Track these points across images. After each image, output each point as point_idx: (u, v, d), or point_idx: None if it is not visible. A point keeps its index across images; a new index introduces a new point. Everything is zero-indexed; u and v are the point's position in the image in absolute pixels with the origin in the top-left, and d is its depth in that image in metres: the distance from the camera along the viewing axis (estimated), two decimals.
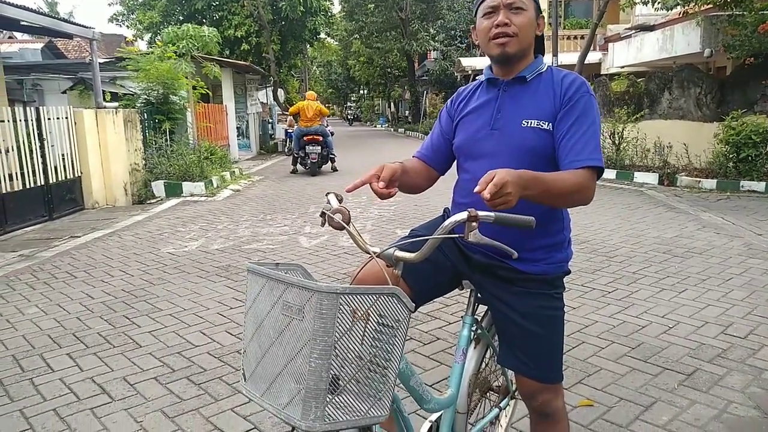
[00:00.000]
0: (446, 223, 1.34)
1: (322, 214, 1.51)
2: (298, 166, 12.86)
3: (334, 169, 13.08)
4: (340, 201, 1.56)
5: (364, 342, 1.18)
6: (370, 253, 1.43)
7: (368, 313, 1.17)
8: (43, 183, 7.78)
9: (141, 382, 3.04)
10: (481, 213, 1.28)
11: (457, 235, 1.33)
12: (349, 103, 60.19)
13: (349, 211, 1.51)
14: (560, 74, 1.69)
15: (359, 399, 1.19)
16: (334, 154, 13.04)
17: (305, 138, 12.42)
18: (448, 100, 1.92)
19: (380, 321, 1.20)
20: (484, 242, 1.27)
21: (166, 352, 3.42)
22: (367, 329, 1.18)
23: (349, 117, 51.08)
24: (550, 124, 1.62)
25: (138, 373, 3.15)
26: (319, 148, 12.39)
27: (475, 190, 1.28)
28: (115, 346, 3.51)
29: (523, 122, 1.65)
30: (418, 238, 1.46)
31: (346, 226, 1.46)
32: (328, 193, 1.56)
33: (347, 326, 1.14)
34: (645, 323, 3.68)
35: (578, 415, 2.58)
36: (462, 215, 1.30)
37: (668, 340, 3.41)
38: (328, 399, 1.14)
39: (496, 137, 1.68)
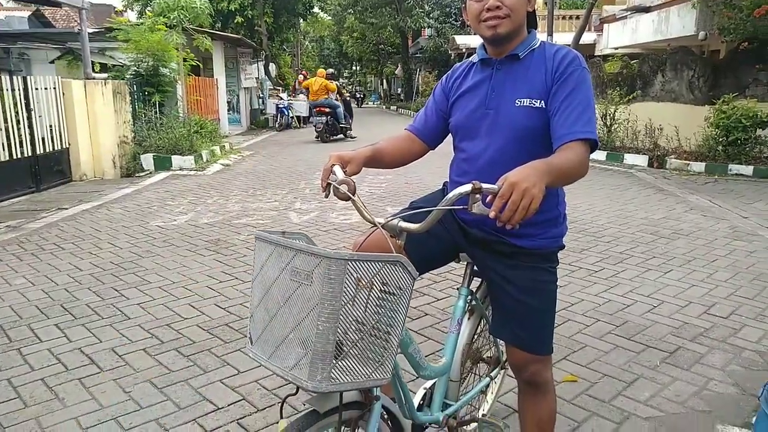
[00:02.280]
0: (450, 195, 1.35)
1: (328, 185, 1.52)
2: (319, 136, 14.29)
3: (350, 137, 14.64)
4: (345, 173, 1.57)
5: (367, 309, 1.21)
6: (375, 224, 1.46)
7: (372, 281, 1.20)
8: (30, 154, 7.69)
9: (130, 354, 3.05)
10: (484, 185, 1.29)
11: (461, 207, 1.33)
12: (341, 80, 54.78)
13: (354, 183, 1.51)
14: (552, 49, 1.67)
15: (362, 363, 1.23)
16: (344, 125, 14.58)
17: (314, 110, 14.33)
18: (444, 76, 1.91)
19: (383, 288, 1.23)
20: (486, 213, 1.28)
21: (155, 324, 3.43)
22: (371, 296, 1.21)
23: (357, 96, 39.07)
24: (543, 101, 1.61)
25: (127, 344, 3.17)
26: (325, 118, 13.95)
27: (491, 215, 1.26)
28: (103, 318, 3.52)
29: (517, 101, 1.64)
30: (422, 209, 1.48)
31: (352, 196, 1.48)
32: (333, 164, 1.57)
33: (352, 293, 1.18)
34: (630, 302, 3.73)
35: (562, 390, 2.63)
36: (466, 187, 1.31)
37: (652, 319, 3.46)
38: (333, 362, 1.17)
39: (492, 117, 1.69)
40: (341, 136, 14.81)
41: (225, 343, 3.17)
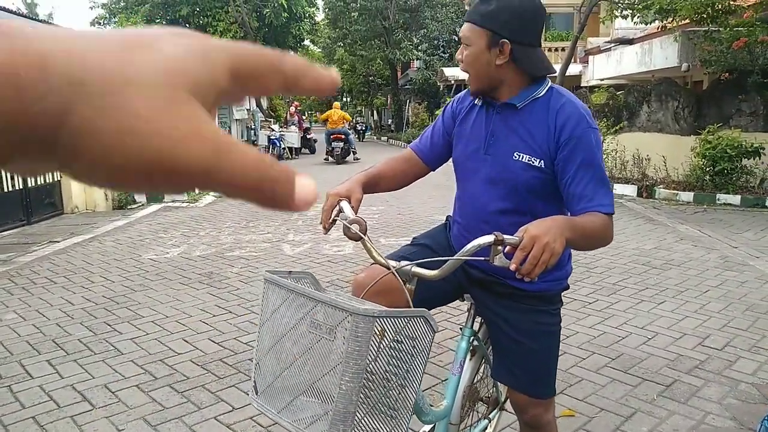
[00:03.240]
0: (470, 245, 1.32)
1: (332, 222, 1.50)
2: (329, 157, 16.85)
3: (356, 159, 17.10)
4: (353, 209, 1.54)
5: (382, 361, 1.16)
6: (388, 268, 1.42)
7: (383, 332, 1.15)
8: (21, 186, 7.66)
9: (123, 390, 3.01)
10: (506, 237, 1.26)
11: (481, 258, 1.31)
12: (356, 114, 39.67)
13: (365, 222, 1.47)
14: (558, 103, 1.58)
15: (379, 420, 1.17)
16: (355, 150, 17.35)
17: (332, 136, 16.64)
18: (456, 98, 1.84)
19: (397, 339, 1.18)
20: (507, 266, 1.25)
21: (148, 360, 3.39)
22: (381, 347, 1.16)
23: (357, 128, 31.01)
24: (542, 161, 1.56)
25: (120, 380, 3.12)
26: (342, 143, 16.66)
27: (511, 268, 1.25)
28: (96, 353, 3.47)
29: (515, 154, 1.59)
30: (439, 259, 1.44)
31: (363, 236, 1.44)
32: (341, 200, 1.54)
33: (375, 347, 1.13)
34: (625, 334, 3.74)
35: (560, 425, 2.59)
36: (488, 238, 1.28)
37: (648, 351, 3.47)
38: (356, 421, 1.12)
39: (490, 163, 1.65)
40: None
41: (219, 379, 3.14)
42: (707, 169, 9.20)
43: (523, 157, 1.59)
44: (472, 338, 1.82)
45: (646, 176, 10.23)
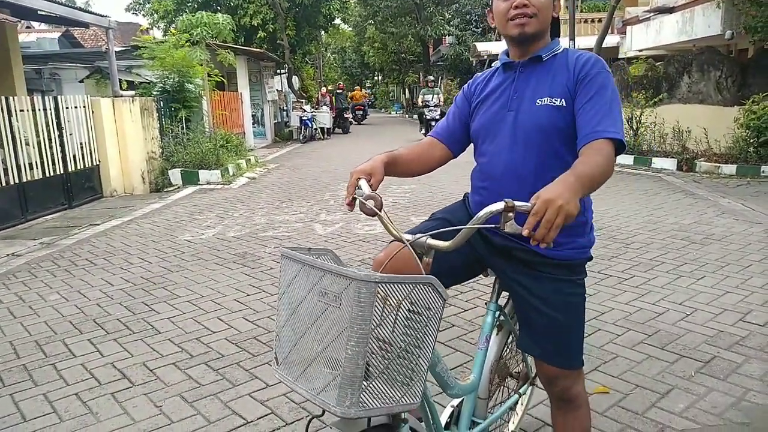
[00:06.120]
0: (481, 213, 1.32)
1: (353, 200, 1.50)
2: (353, 121, 25.25)
3: (363, 123, 26.57)
4: (371, 186, 1.55)
5: (395, 329, 1.18)
6: (403, 242, 1.43)
7: (400, 301, 1.17)
8: (62, 171, 7.89)
9: (160, 368, 3.09)
10: (517, 203, 1.26)
11: (492, 225, 1.31)
12: (426, 91, 18.94)
13: (381, 198, 1.48)
14: (575, 54, 1.70)
15: (392, 386, 1.20)
16: (367, 115, 28.78)
17: (356, 108, 27.31)
18: (466, 84, 1.92)
19: (411, 308, 1.20)
20: (519, 232, 1.26)
21: (185, 338, 3.47)
22: (398, 316, 1.18)
23: (426, 116, 17.55)
24: (563, 100, 1.62)
25: (157, 358, 3.21)
26: (361, 112, 27.81)
27: (524, 233, 1.25)
28: (134, 332, 3.57)
29: (538, 101, 1.65)
30: (451, 228, 1.45)
31: (378, 212, 1.45)
32: (360, 178, 1.55)
33: (380, 313, 1.15)
34: (662, 310, 3.65)
35: (594, 402, 2.57)
36: (498, 205, 1.28)
37: (685, 328, 3.38)
38: (363, 386, 1.14)
39: (512, 117, 1.69)
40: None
41: (253, 357, 3.20)
42: (751, 140, 8.87)
43: (545, 100, 1.65)
44: (497, 313, 1.82)
45: (687, 149, 9.92)
